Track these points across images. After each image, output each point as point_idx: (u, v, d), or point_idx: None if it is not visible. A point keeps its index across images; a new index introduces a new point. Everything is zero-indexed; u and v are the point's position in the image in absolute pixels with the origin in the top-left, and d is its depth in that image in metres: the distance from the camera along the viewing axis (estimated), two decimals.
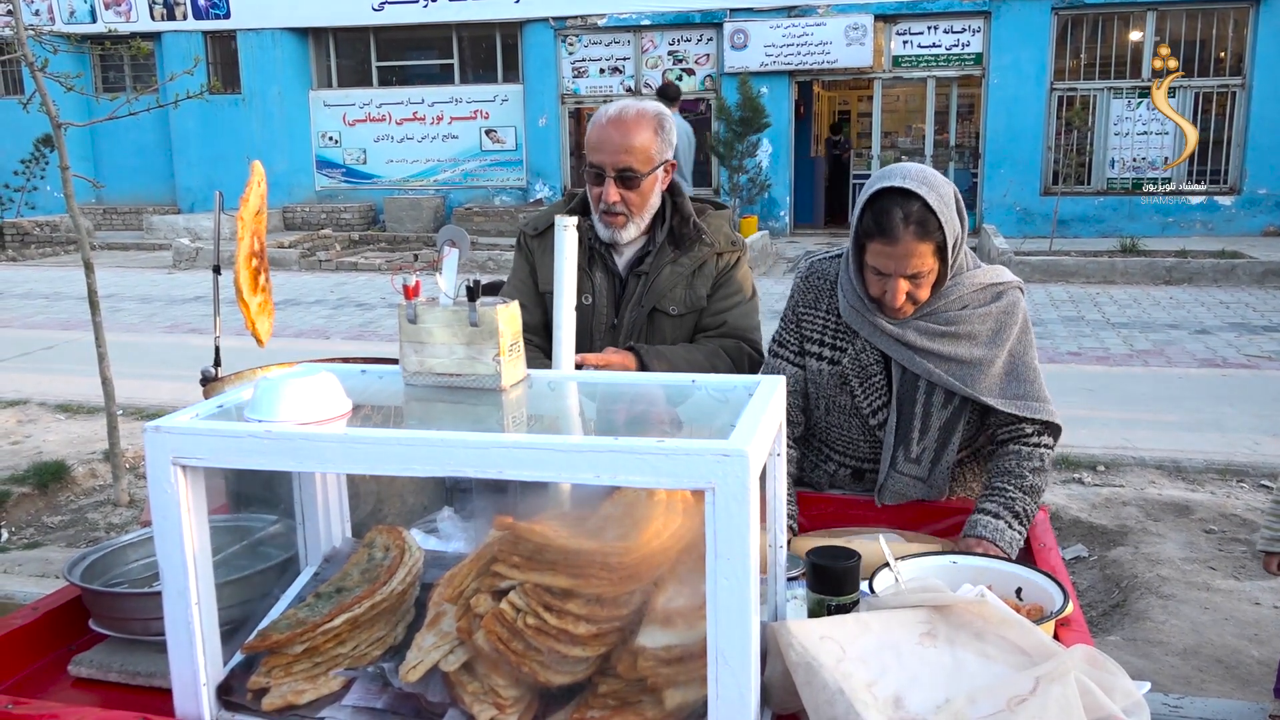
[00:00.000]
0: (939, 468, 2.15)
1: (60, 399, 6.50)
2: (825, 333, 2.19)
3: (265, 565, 1.64)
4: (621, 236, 2.38)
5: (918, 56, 15.26)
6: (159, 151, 17.76)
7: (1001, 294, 2.11)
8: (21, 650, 1.62)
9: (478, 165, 17.09)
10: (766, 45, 15.36)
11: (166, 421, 1.33)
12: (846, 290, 2.14)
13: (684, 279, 2.41)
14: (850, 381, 2.15)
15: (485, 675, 1.32)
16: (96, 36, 14.96)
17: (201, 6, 17.12)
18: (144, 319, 9.72)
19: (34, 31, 4.99)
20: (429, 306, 1.51)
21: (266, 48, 17.09)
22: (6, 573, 3.85)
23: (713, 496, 1.14)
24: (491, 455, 1.20)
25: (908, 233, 1.93)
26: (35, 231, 16.34)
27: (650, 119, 2.32)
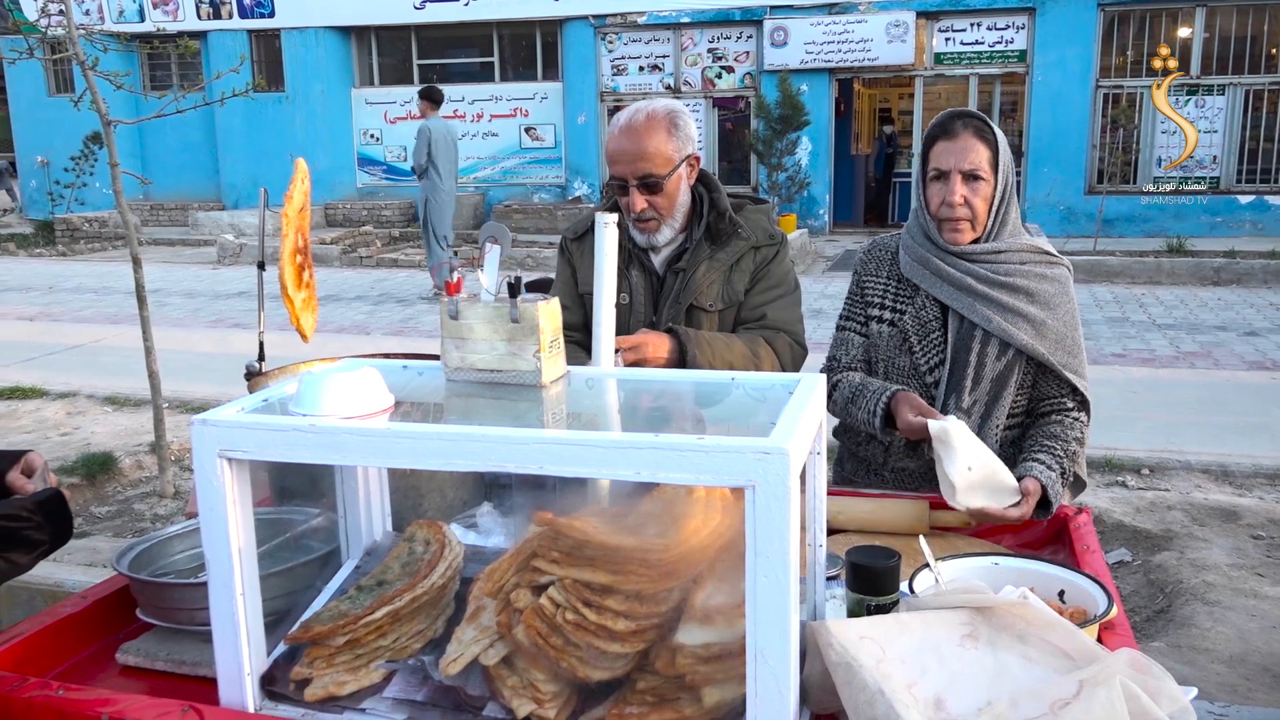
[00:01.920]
0: (989, 425, 2.22)
1: (108, 391, 6.62)
2: (886, 295, 2.32)
3: (308, 558, 1.66)
4: (657, 240, 2.39)
5: (960, 54, 15.11)
6: (204, 149, 18.02)
7: (1055, 264, 2.27)
8: (71, 638, 1.65)
9: (517, 163, 17.17)
10: (807, 42, 15.28)
11: (213, 415, 1.35)
12: (908, 247, 2.29)
13: (721, 274, 2.41)
14: (910, 339, 2.25)
15: (524, 670, 1.33)
16: (145, 35, 15.20)
17: (247, 5, 17.34)
18: (189, 314, 9.88)
19: (85, 31, 5.09)
20: (470, 302, 1.52)
21: (310, 46, 17.28)
22: (56, 561, 3.92)
23: (753, 494, 1.14)
24: (532, 451, 1.21)
25: (966, 130, 2.16)
26: (84, 227, 16.66)
27: (661, 120, 2.30)
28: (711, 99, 16.27)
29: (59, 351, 8.12)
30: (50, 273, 13.45)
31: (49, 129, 18.05)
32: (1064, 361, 2.21)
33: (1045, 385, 2.25)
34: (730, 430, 1.24)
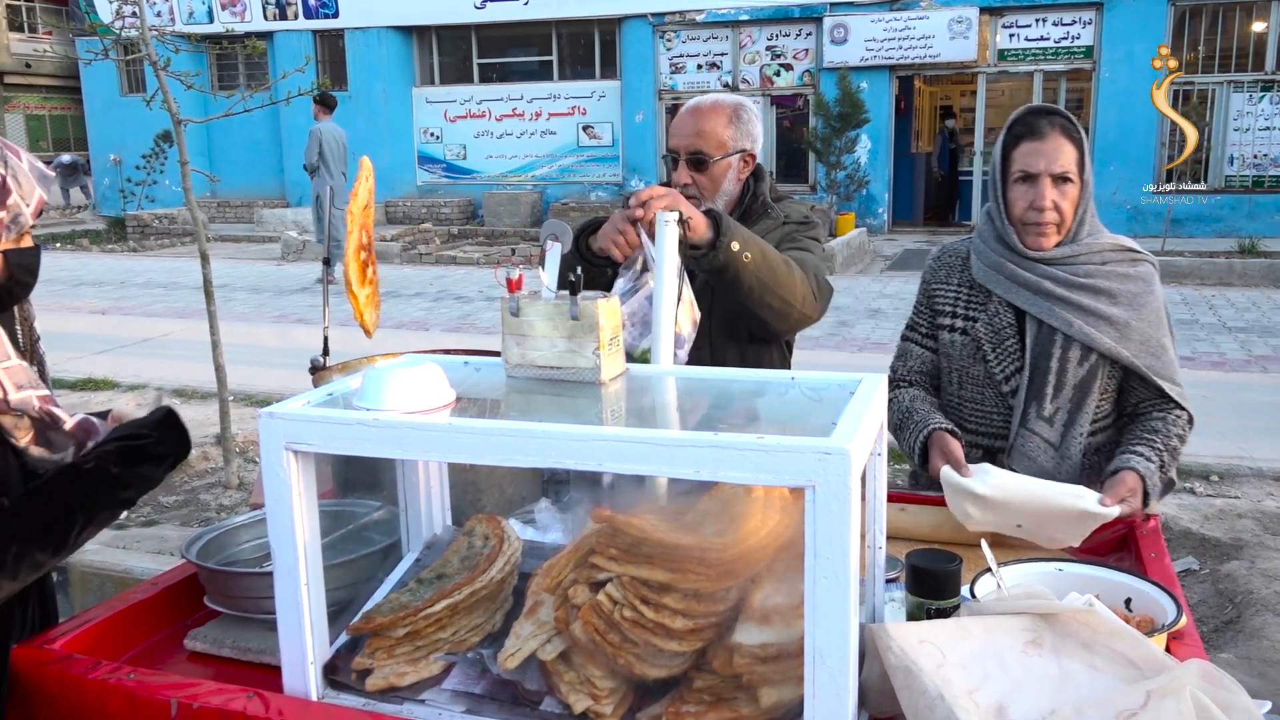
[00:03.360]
0: (1072, 433, 2.14)
1: (176, 384, 6.78)
2: (958, 303, 2.26)
3: (370, 550, 1.68)
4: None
5: (1024, 50, 14.84)
6: (269, 147, 18.37)
7: (1139, 261, 2.19)
8: (141, 623, 1.70)
9: (574, 161, 17.25)
10: (867, 39, 15.12)
11: (280, 408, 1.37)
12: (981, 252, 2.22)
13: None
14: (983, 347, 2.19)
15: (582, 665, 1.34)
16: (214, 36, 15.54)
17: (311, 6, 17.64)
18: (254, 309, 10.08)
19: (157, 32, 5.21)
20: (531, 300, 1.54)
21: (372, 46, 17.53)
22: (126, 549, 4.04)
23: (813, 495, 1.13)
24: (592, 448, 1.22)
25: (1054, 130, 2.09)
26: (154, 224, 17.10)
27: (726, 108, 2.36)
28: (770, 97, 16.19)
29: (129, 345, 8.33)
30: (122, 268, 13.83)
31: (121, 128, 18.57)
32: (1149, 364, 2.13)
33: (1139, 389, 2.16)
34: (789, 429, 1.23)
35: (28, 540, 1.46)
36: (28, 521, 1.47)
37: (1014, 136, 2.13)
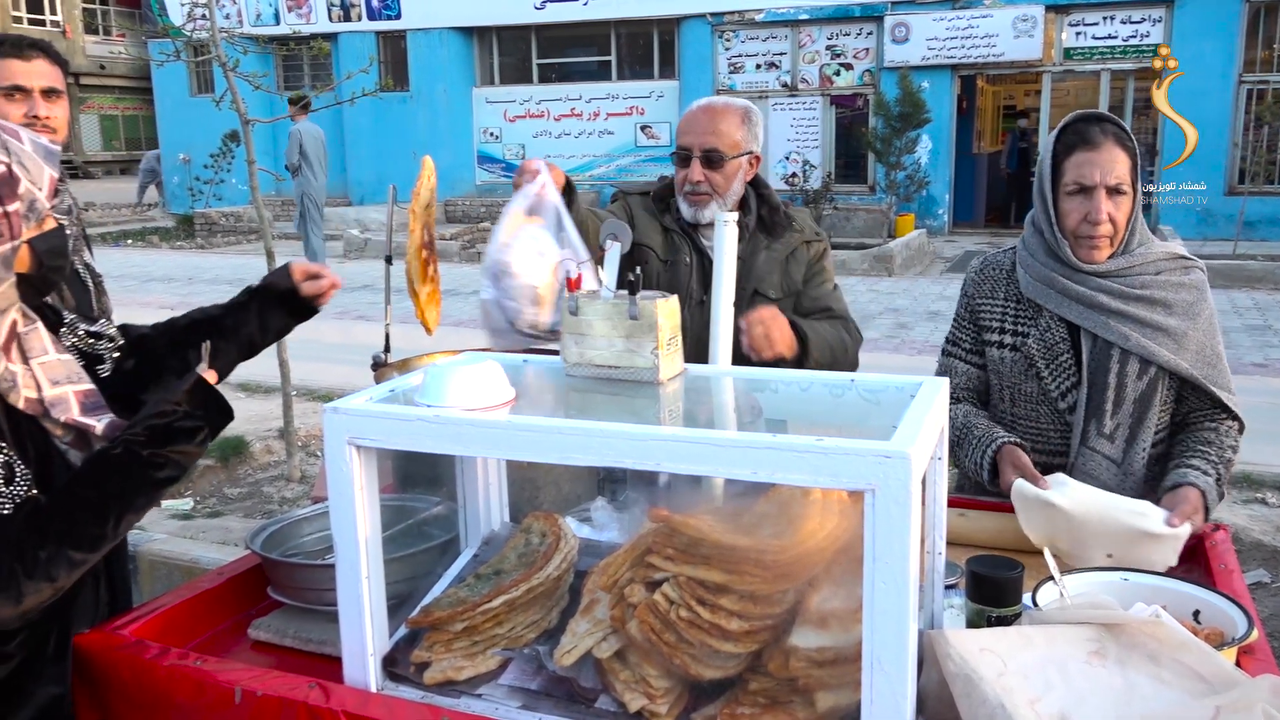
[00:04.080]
0: (1135, 449, 2.09)
1: (240, 379, 6.92)
2: (1005, 319, 2.20)
3: (428, 544, 1.71)
4: (703, 216, 2.41)
5: (1091, 48, 14.53)
6: (332, 146, 18.56)
7: (1190, 269, 2.13)
8: (207, 612, 1.74)
9: (632, 161, 17.28)
10: (929, 38, 14.93)
11: (343, 403, 1.40)
12: (1028, 265, 2.16)
13: (778, 264, 2.46)
14: (1036, 364, 2.13)
15: (637, 664, 1.34)
16: (281, 38, 15.84)
17: (375, 7, 17.90)
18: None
19: (226, 34, 5.33)
20: (590, 299, 1.54)
21: (434, 46, 17.73)
22: (192, 539, 4.14)
23: (873, 498, 1.12)
24: (650, 448, 1.22)
25: (1107, 139, 2.02)
26: (221, 221, 17.47)
27: (738, 110, 2.39)
28: (829, 96, 16.06)
29: None
30: (190, 264, 14.15)
31: (191, 128, 19.00)
32: (1207, 374, 2.08)
33: (1191, 399, 2.12)
34: (849, 432, 1.23)
35: (61, 540, 1.42)
36: (60, 521, 1.44)
37: (1065, 146, 2.07)
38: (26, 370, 1.52)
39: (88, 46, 29.46)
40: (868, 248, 12.58)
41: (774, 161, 16.04)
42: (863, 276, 11.76)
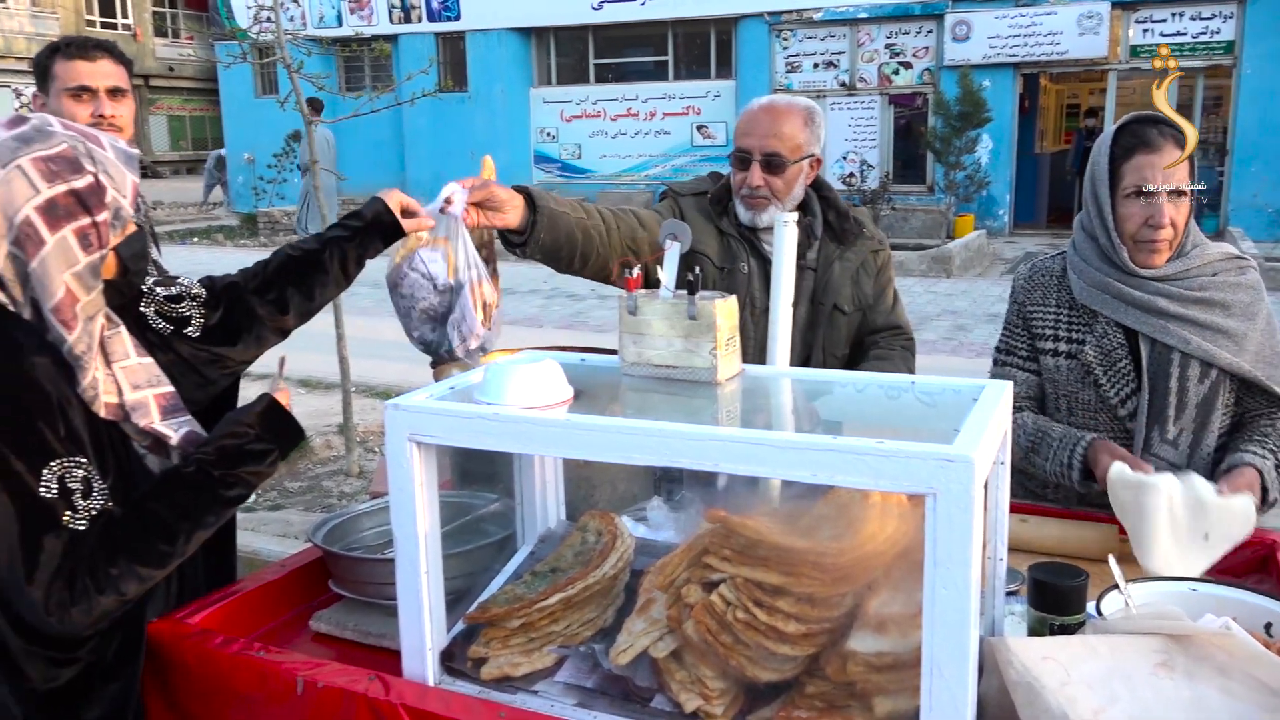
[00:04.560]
0: (1198, 454, 2.05)
1: (302, 374, 7.04)
2: (1059, 326, 2.15)
3: (486, 541, 1.72)
4: (761, 220, 2.32)
5: (1159, 46, 14.20)
6: (392, 146, 18.91)
7: (1245, 269, 2.10)
8: (270, 603, 1.78)
9: (688, 160, 17.25)
10: (990, 36, 14.71)
11: (404, 400, 1.42)
12: (1080, 270, 2.11)
13: (850, 275, 2.37)
14: (1094, 371, 2.09)
15: (693, 665, 1.34)
16: (344, 39, 16.08)
17: (435, 9, 18.10)
18: (375, 303, 10.37)
19: (291, 36, 5.43)
20: (649, 298, 1.54)
21: (492, 47, 17.89)
22: (254, 531, 4.22)
23: (934, 503, 1.11)
24: (708, 448, 1.22)
25: (1167, 141, 1.99)
26: (284, 220, 17.78)
27: (800, 110, 2.29)
28: (887, 96, 15.90)
29: None
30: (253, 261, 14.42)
31: (255, 128, 19.37)
32: (1268, 374, 2.04)
33: (1249, 399, 2.09)
34: (910, 435, 1.21)
35: (132, 557, 1.45)
36: (131, 538, 1.47)
37: (1124, 148, 2.02)
38: (109, 374, 1.55)
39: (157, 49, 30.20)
40: (926, 249, 12.43)
41: (831, 161, 15.91)
42: (920, 278, 11.62)
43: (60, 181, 1.39)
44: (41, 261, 1.38)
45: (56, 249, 1.39)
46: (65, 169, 1.40)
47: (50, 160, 1.40)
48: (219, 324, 1.79)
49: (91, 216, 1.42)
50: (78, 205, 1.40)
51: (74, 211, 1.40)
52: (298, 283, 1.82)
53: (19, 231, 1.37)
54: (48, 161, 1.39)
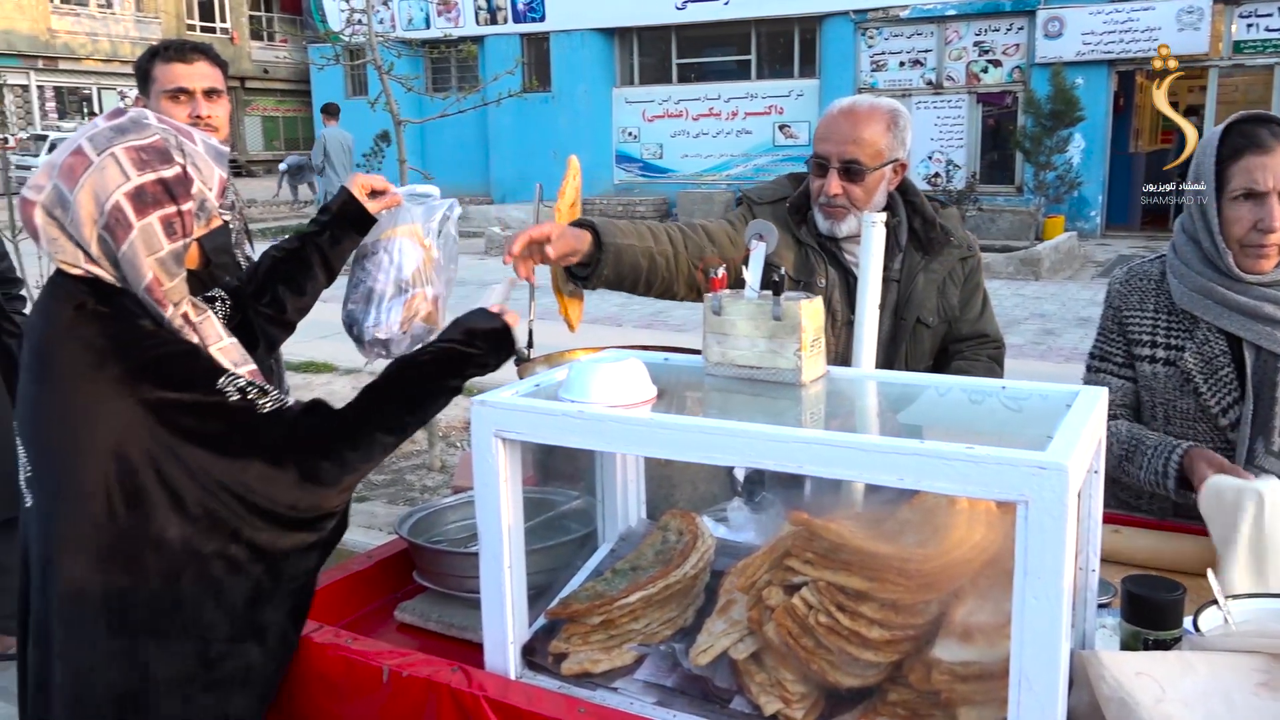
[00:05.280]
0: None
1: None
2: (1157, 332, 2.08)
3: (568, 537, 1.74)
4: (839, 230, 2.23)
5: (1265, 41, 13.66)
6: (476, 146, 19.20)
7: None
8: (358, 592, 1.82)
9: (769, 160, 17.16)
10: (1084, 33, 14.32)
11: (491, 397, 1.44)
12: (1181, 274, 2.04)
13: (936, 286, 2.28)
14: (1194, 379, 2.01)
15: (773, 668, 1.33)
16: (433, 41, 16.37)
17: (520, 10, 18.32)
18: (458, 300, 10.52)
19: (382, 38, 5.55)
20: (733, 298, 1.54)
21: (576, 48, 18.03)
22: None
23: (1025, 510, 1.09)
24: (793, 450, 1.21)
25: (1278, 141, 1.91)
26: None
27: (883, 114, 2.18)
28: (975, 94, 15.59)
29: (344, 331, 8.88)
30: None
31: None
32: None
33: None
34: (1000, 441, 1.18)
35: (375, 426, 1.56)
36: (372, 409, 1.57)
37: (1231, 149, 1.95)
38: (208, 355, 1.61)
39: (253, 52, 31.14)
40: (1013, 250, 12.15)
41: (916, 161, 15.67)
42: (1007, 280, 11.37)
43: (150, 170, 1.45)
44: (130, 245, 1.44)
45: (142, 234, 1.45)
46: (155, 159, 1.46)
47: (142, 150, 1.46)
48: (240, 326, 1.85)
49: (177, 205, 1.47)
50: (165, 193, 1.46)
51: (161, 199, 1.46)
52: (287, 281, 1.86)
53: (109, 217, 1.43)
54: (140, 151, 1.45)
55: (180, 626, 1.48)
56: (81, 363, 1.43)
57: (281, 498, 1.49)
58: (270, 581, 1.53)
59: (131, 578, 1.45)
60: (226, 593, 1.49)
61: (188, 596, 1.48)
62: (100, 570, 1.45)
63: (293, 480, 1.48)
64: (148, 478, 1.43)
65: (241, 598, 1.51)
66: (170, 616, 1.48)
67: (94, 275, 1.47)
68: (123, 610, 1.46)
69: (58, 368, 1.44)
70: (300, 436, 1.50)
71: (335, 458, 1.51)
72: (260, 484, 1.47)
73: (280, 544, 1.52)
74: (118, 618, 1.46)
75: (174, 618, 1.48)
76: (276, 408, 1.51)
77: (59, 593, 1.46)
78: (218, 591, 1.49)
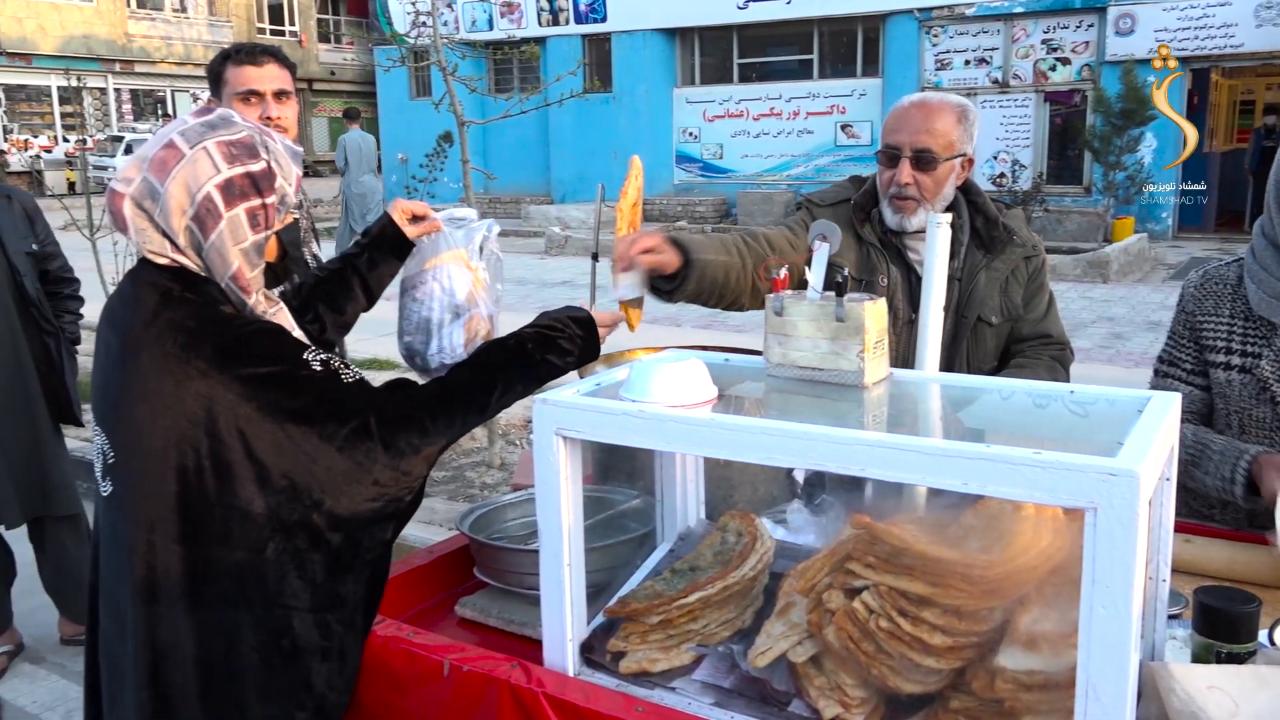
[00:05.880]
0: None
1: None
2: (1233, 338, 2.01)
3: (627, 536, 1.74)
4: (909, 223, 2.21)
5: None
6: (537, 146, 19.34)
7: None
8: (419, 587, 1.84)
9: (831, 160, 17.02)
10: (1157, 30, 13.98)
11: (552, 395, 1.45)
12: (1259, 278, 1.97)
13: (998, 285, 2.25)
14: (1271, 387, 1.95)
15: (833, 672, 1.32)
16: (496, 43, 16.54)
17: (582, 11, 18.40)
18: (519, 299, 10.65)
19: (447, 40, 5.61)
20: (796, 299, 1.53)
21: (637, 48, 18.06)
22: None
23: (1094, 518, 1.06)
24: (855, 452, 1.20)
25: None
26: None
27: (954, 108, 2.19)
28: (1043, 93, 15.30)
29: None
30: None
31: (409, 129, 20.13)
32: None
33: None
34: (1069, 446, 1.16)
35: (460, 405, 1.61)
36: (460, 389, 1.63)
37: None
38: None
39: (320, 54, 31.72)
40: (1081, 252, 11.90)
41: (981, 161, 15.42)
42: (1075, 282, 11.14)
43: (239, 164, 1.50)
44: (219, 235, 1.50)
45: (230, 225, 1.50)
46: (244, 154, 1.52)
47: (232, 145, 1.51)
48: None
49: (262, 199, 1.53)
50: (251, 187, 1.51)
51: (248, 192, 1.51)
52: (328, 300, 1.90)
53: (199, 207, 1.48)
54: (230, 145, 1.51)
55: (264, 597, 1.52)
56: (172, 344, 1.47)
57: (364, 467, 1.52)
58: (349, 552, 1.56)
59: (219, 550, 1.50)
60: (308, 563, 1.53)
61: (271, 567, 1.51)
62: (187, 545, 1.49)
63: (376, 450, 1.52)
64: (236, 452, 1.47)
65: (322, 568, 1.54)
66: (255, 587, 1.51)
67: (180, 264, 1.52)
68: (209, 583, 1.50)
69: (146, 350, 1.49)
70: (385, 407, 1.55)
71: (418, 429, 1.56)
72: (345, 454, 1.50)
73: (359, 513, 1.55)
74: (204, 590, 1.50)
75: (259, 588, 1.52)
76: (360, 379, 1.56)
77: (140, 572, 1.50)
78: (300, 562, 1.53)
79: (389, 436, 1.53)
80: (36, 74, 24.99)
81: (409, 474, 1.57)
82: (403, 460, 1.54)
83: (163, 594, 1.50)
